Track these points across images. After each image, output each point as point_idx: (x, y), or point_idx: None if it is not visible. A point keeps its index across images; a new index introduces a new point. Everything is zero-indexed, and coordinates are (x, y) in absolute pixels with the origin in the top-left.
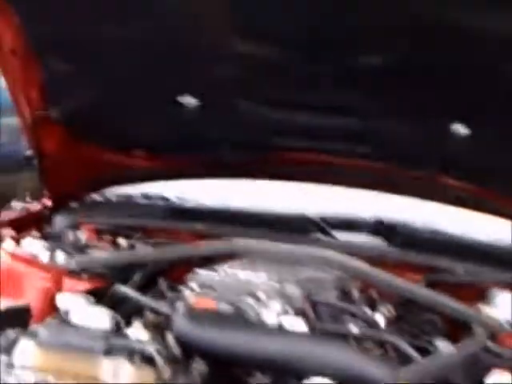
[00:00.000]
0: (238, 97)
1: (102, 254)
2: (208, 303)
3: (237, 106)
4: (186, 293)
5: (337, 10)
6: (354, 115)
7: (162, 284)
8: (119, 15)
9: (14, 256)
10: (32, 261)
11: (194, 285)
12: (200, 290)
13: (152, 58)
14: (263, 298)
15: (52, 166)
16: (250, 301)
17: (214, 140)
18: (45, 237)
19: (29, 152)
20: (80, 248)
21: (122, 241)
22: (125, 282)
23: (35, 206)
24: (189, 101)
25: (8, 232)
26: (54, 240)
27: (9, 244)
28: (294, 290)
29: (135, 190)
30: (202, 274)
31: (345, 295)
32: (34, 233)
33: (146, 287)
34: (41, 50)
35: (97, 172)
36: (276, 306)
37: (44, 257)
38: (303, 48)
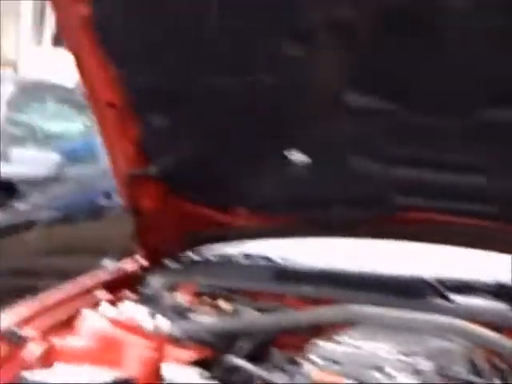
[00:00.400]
0: (350, 153)
1: (205, 319)
2: (333, 378)
3: (348, 162)
4: (307, 366)
5: (465, 62)
6: (482, 173)
7: (277, 355)
8: (225, 67)
9: (112, 321)
10: (132, 327)
11: (314, 357)
12: (322, 363)
13: (259, 112)
14: (393, 373)
15: (148, 222)
16: (379, 376)
17: (322, 197)
18: (140, 298)
19: (102, 202)
20: (181, 312)
21: (223, 304)
22: (230, 349)
23: (128, 265)
24: (296, 156)
25: (103, 294)
26: (149, 302)
27: (106, 308)
28: (425, 364)
29: (235, 249)
30: (323, 345)
31: (474, 367)
32: (130, 294)
33: (255, 357)
34: (139, 104)
35: (194, 229)
36: (407, 381)
37: (144, 322)
38: (428, 102)
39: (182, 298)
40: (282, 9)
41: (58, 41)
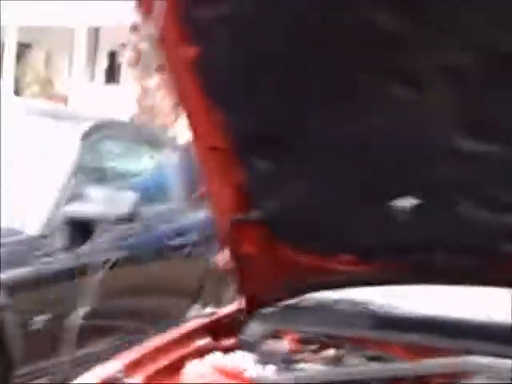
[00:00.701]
0: (457, 198)
1: (311, 367)
2: None
3: (455, 207)
4: None
5: None
6: None
7: None
8: (332, 112)
9: (217, 369)
10: (238, 375)
11: None
12: None
13: (366, 157)
14: None
15: (248, 268)
16: None
17: (426, 243)
18: (241, 345)
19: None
20: (286, 360)
21: (328, 352)
22: None
23: (228, 311)
24: (401, 202)
25: (204, 340)
26: (251, 349)
27: (210, 355)
28: None
29: (334, 295)
30: None
31: None
32: (231, 341)
33: None
34: (244, 148)
35: (296, 276)
36: None
37: (249, 370)
38: None
39: (285, 345)
40: (394, 51)
41: (109, 78)
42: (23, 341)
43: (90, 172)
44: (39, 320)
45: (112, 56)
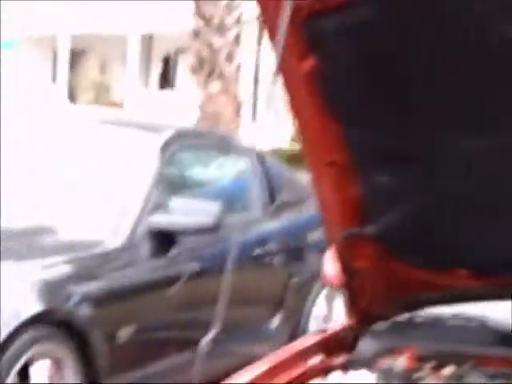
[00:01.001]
0: None
1: None
2: None
3: None
4: None
5: None
6: None
7: None
8: (455, 127)
9: None
10: None
11: None
12: None
13: (494, 173)
14: None
15: (359, 283)
16: None
17: None
18: (357, 363)
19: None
20: (406, 378)
21: (449, 369)
22: None
23: (339, 328)
24: None
25: (318, 358)
26: (365, 366)
27: (328, 374)
28: None
29: (448, 310)
30: None
31: None
32: (346, 359)
33: None
34: (361, 162)
35: (410, 291)
36: None
37: None
38: None
39: (402, 362)
40: None
41: (163, 83)
42: (109, 354)
43: (171, 182)
44: (125, 332)
45: (166, 62)
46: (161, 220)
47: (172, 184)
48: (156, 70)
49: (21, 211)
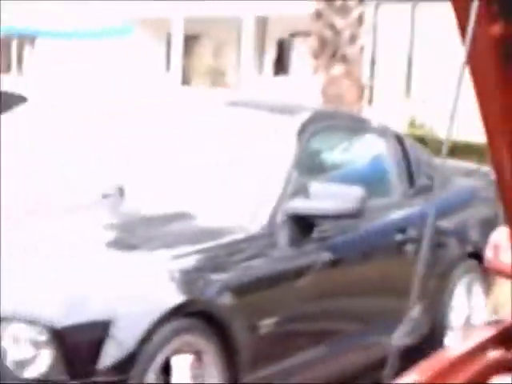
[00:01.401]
0: None
1: None
2: None
3: None
4: None
5: None
6: None
7: None
8: None
9: None
10: None
11: None
12: None
13: None
14: None
15: None
16: None
17: None
18: None
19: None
20: None
21: None
22: None
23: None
24: None
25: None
26: None
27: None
28: None
29: None
30: None
31: None
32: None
33: None
34: None
35: None
36: None
37: None
38: None
39: None
40: None
41: (278, 68)
42: (250, 346)
43: (308, 165)
44: (267, 323)
45: (280, 45)
46: (301, 205)
47: (309, 167)
48: (270, 54)
49: (158, 198)
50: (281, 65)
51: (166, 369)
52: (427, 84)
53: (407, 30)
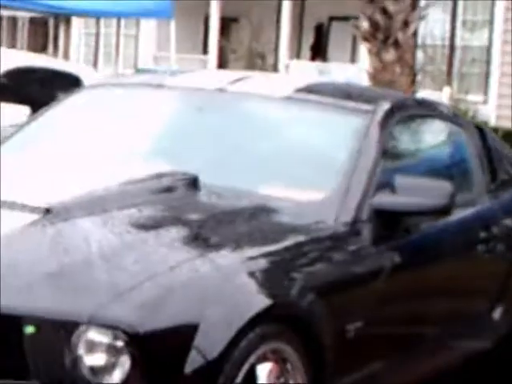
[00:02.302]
0: None
1: None
2: None
3: None
4: None
5: None
6: None
7: None
8: None
9: None
10: None
11: None
12: None
13: None
14: None
15: None
16: None
17: None
18: None
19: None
20: None
21: None
22: None
23: None
24: None
25: None
26: None
27: None
28: None
29: None
30: None
31: None
32: None
33: None
34: None
35: None
36: None
37: None
38: None
39: None
40: None
41: (315, 52)
42: (338, 352)
43: (391, 158)
44: (353, 327)
45: (318, 30)
46: (387, 200)
47: (392, 160)
48: (307, 38)
49: (232, 190)
50: (319, 49)
51: (251, 377)
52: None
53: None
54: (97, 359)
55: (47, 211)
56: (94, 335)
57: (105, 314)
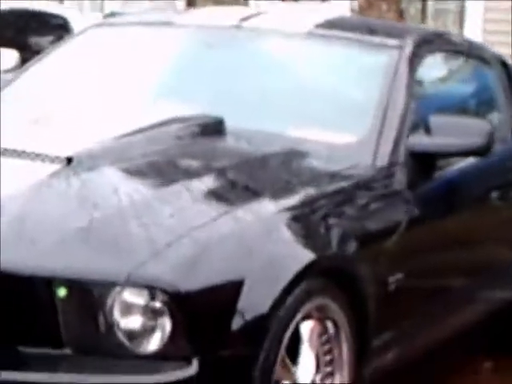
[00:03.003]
0: None
1: None
2: None
3: None
4: None
5: None
6: None
7: None
8: None
9: None
10: None
11: None
12: None
13: None
14: None
15: None
16: None
17: None
18: None
19: None
20: None
21: None
22: None
23: None
24: None
25: None
26: None
27: None
28: None
29: None
30: None
31: None
32: None
33: None
34: None
35: None
36: None
37: None
38: None
39: None
40: None
41: None
42: (379, 306)
43: (421, 95)
44: (395, 279)
45: None
46: (422, 141)
47: (422, 98)
48: None
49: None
50: None
51: (295, 336)
52: None
53: None
54: (134, 322)
55: (69, 160)
56: (131, 296)
57: (143, 272)
